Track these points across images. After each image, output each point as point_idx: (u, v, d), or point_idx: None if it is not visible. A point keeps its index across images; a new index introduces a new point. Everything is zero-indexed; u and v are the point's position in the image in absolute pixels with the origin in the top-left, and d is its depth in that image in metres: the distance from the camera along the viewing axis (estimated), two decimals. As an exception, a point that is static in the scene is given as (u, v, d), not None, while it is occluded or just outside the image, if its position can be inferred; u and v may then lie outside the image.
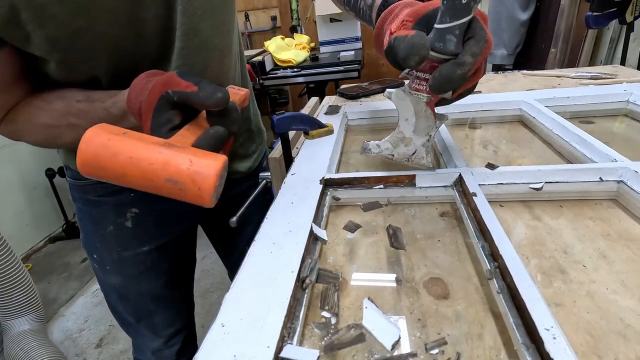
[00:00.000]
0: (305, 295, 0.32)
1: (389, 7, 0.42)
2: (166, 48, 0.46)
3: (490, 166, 0.46)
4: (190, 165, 0.29)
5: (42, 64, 0.42)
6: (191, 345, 0.77)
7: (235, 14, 0.55)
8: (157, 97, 0.34)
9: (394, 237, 0.38)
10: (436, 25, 0.36)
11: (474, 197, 0.40)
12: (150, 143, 0.30)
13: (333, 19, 2.13)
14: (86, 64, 0.42)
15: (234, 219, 0.60)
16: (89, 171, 0.30)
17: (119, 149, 0.29)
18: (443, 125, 0.61)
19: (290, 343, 0.28)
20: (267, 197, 0.75)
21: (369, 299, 0.32)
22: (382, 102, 0.79)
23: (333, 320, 0.31)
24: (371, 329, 0.29)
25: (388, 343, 0.28)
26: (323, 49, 2.22)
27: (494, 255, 0.33)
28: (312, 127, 0.62)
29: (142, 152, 0.29)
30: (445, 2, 0.34)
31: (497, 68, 2.05)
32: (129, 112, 0.39)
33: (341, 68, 1.87)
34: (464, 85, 0.37)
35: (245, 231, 0.75)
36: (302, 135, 0.66)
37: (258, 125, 0.73)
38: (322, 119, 0.70)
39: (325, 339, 0.29)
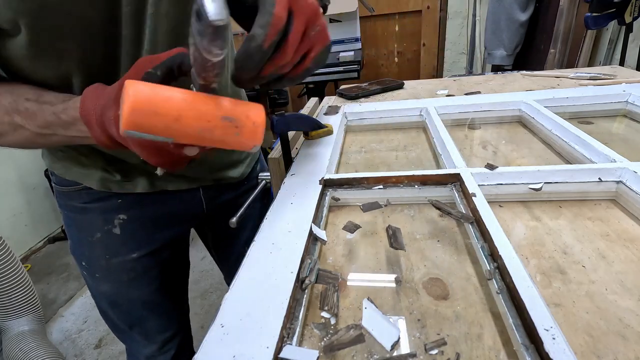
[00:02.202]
0: (305, 296, 0.32)
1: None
2: (140, 33, 0.44)
3: (490, 166, 0.46)
4: (238, 105, 0.30)
5: (10, 46, 0.39)
6: (187, 350, 0.75)
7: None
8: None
9: (394, 238, 0.38)
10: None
11: (473, 198, 0.40)
12: (197, 93, 0.29)
13: (332, 20, 2.13)
14: (55, 46, 0.39)
15: (234, 219, 0.60)
16: (138, 120, 0.27)
17: (170, 92, 0.28)
18: (442, 125, 0.61)
19: (289, 343, 0.28)
20: (264, 201, 0.74)
21: (368, 299, 0.32)
22: (382, 103, 0.79)
23: (332, 321, 0.31)
24: (371, 329, 0.29)
25: (387, 343, 0.28)
26: (322, 50, 2.22)
27: (494, 255, 0.33)
28: (311, 127, 0.62)
29: (192, 95, 0.28)
30: None
31: (497, 68, 2.05)
32: (81, 121, 0.36)
33: (340, 68, 1.87)
34: (277, 60, 0.32)
35: (241, 236, 0.74)
36: (302, 135, 0.66)
37: None
38: (322, 119, 0.70)
39: (325, 339, 0.29)
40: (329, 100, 0.89)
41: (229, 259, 0.80)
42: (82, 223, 0.59)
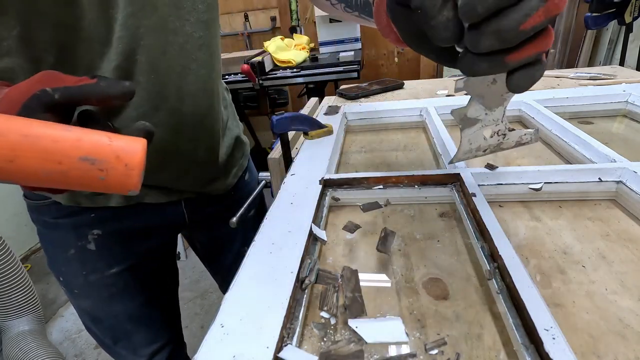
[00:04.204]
0: (305, 296, 0.32)
1: None
2: (107, 26, 0.39)
3: (490, 167, 0.46)
4: (110, 142, 0.24)
5: None
6: (178, 358, 0.72)
7: (214, 10, 0.49)
8: (26, 97, 0.25)
9: (383, 240, 0.37)
10: None
11: (473, 198, 0.40)
12: (48, 122, 0.23)
13: (332, 20, 2.12)
14: None
15: (234, 219, 0.60)
16: None
17: (6, 126, 0.22)
18: (442, 125, 0.61)
19: (289, 343, 0.28)
20: (258, 209, 0.73)
21: (353, 319, 0.30)
22: (382, 103, 0.79)
23: (332, 321, 0.31)
24: (372, 340, 0.28)
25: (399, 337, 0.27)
26: (322, 50, 2.22)
27: (494, 255, 0.33)
28: (311, 127, 0.62)
29: (41, 129, 0.22)
30: None
31: (497, 68, 2.05)
32: None
33: (340, 68, 1.87)
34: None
35: (232, 246, 0.72)
36: (302, 135, 0.66)
37: (239, 137, 0.66)
38: (322, 119, 0.70)
39: (324, 343, 0.29)
40: (329, 100, 0.89)
41: (222, 268, 0.77)
42: (55, 239, 0.56)
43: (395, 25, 0.30)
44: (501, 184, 0.44)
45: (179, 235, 0.78)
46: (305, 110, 0.82)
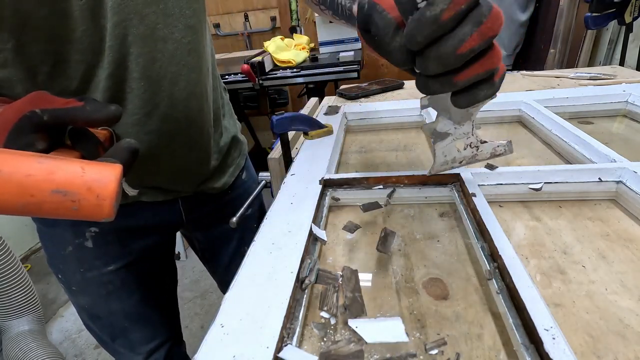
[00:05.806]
0: (305, 296, 0.32)
1: None
2: (100, 29, 0.39)
3: (490, 167, 0.46)
4: (83, 173, 0.24)
5: None
6: (176, 357, 0.72)
7: (201, 13, 0.49)
8: (17, 117, 0.27)
9: (383, 240, 0.37)
10: None
11: (473, 198, 0.40)
12: (22, 154, 0.24)
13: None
14: None
15: (234, 219, 0.60)
16: None
17: None
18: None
19: (289, 343, 0.28)
20: (258, 210, 0.73)
21: (353, 319, 0.30)
22: (382, 103, 0.79)
23: (332, 321, 0.31)
24: (372, 340, 0.28)
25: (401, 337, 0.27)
26: (322, 50, 2.22)
27: (494, 255, 0.33)
28: (311, 127, 0.62)
29: (13, 162, 0.23)
30: None
31: (497, 68, 2.05)
32: None
33: (341, 68, 1.87)
34: (467, 67, 0.27)
35: (229, 245, 0.73)
36: (302, 135, 0.66)
37: (236, 136, 0.67)
38: (322, 119, 0.70)
39: (324, 343, 0.29)
40: (329, 100, 0.89)
41: (219, 267, 0.77)
42: (54, 236, 0.57)
43: (368, 45, 0.33)
44: (501, 184, 0.44)
45: (180, 235, 0.78)
46: (305, 110, 0.82)
